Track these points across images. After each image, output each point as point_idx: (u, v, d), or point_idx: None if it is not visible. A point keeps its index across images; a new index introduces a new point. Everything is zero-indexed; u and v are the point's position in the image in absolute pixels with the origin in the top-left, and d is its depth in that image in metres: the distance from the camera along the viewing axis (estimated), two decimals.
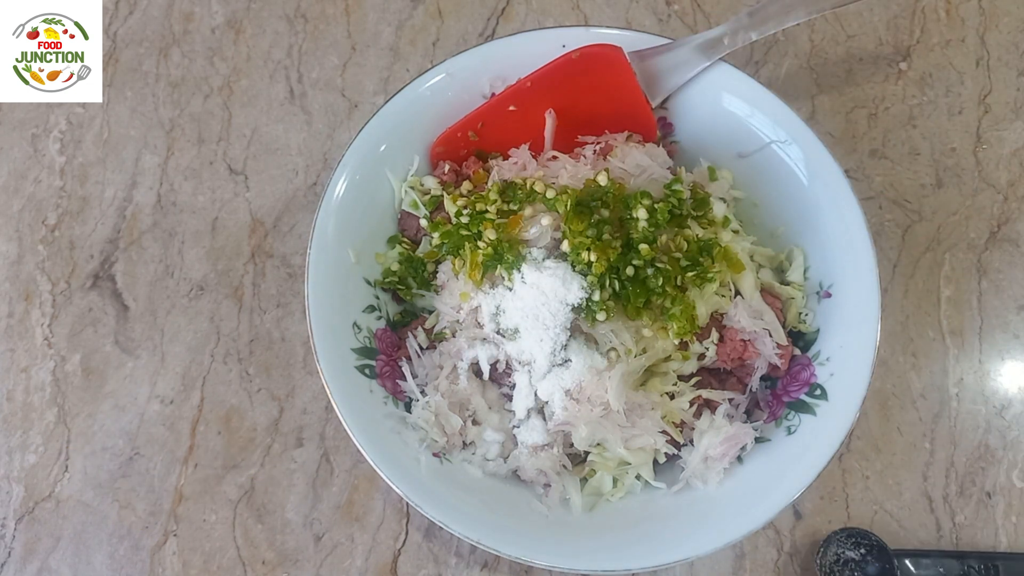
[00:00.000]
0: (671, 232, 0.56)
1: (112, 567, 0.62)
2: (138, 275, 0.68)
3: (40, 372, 0.66)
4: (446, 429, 0.57)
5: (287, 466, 0.63)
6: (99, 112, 0.73)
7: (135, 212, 0.70)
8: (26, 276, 0.68)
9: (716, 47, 0.59)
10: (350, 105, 0.73)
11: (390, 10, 0.76)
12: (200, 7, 0.76)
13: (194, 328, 0.67)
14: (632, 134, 0.61)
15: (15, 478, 0.64)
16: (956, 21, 0.74)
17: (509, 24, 0.75)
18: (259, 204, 0.70)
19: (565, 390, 0.55)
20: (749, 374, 0.58)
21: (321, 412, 0.65)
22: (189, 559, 0.62)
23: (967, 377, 0.66)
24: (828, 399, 0.56)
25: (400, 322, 0.62)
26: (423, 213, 0.61)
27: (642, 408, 0.56)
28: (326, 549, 0.62)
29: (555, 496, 0.56)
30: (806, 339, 0.59)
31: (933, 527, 0.62)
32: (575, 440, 0.56)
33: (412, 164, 0.62)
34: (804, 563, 0.61)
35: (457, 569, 0.61)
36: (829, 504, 0.63)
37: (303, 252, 0.63)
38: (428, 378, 0.59)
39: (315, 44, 0.74)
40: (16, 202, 0.70)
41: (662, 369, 0.57)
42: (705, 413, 0.57)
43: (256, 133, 0.72)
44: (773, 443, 0.57)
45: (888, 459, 0.64)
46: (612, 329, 0.55)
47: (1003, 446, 0.64)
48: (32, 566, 0.62)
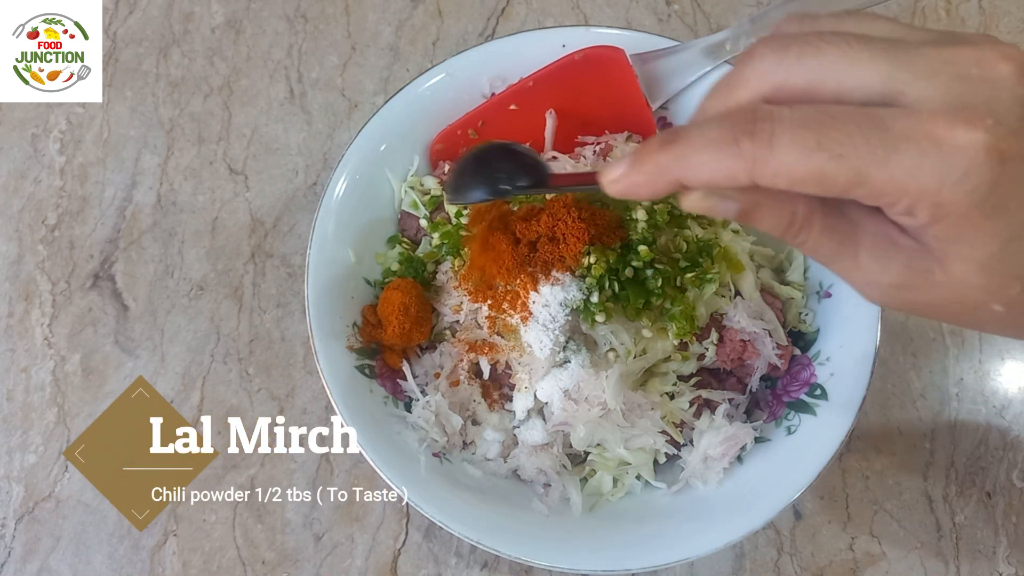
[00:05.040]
0: (670, 233, 0.56)
1: (112, 567, 0.62)
2: (138, 275, 0.68)
3: (40, 372, 0.66)
4: (446, 429, 0.57)
5: (287, 466, 0.63)
6: (99, 112, 0.73)
7: (135, 212, 0.70)
8: (26, 276, 0.68)
9: (718, 52, 0.59)
10: (350, 105, 0.73)
11: (390, 10, 0.76)
12: (200, 7, 0.76)
13: (194, 328, 0.67)
14: (632, 134, 0.61)
15: (15, 478, 0.64)
16: (956, 21, 0.74)
17: (509, 24, 0.75)
18: (259, 204, 0.70)
19: (564, 390, 0.55)
20: (749, 374, 0.58)
21: (321, 412, 0.65)
22: (189, 559, 0.62)
23: (967, 377, 0.66)
24: (828, 399, 0.56)
25: None
26: (423, 213, 0.61)
27: (641, 408, 0.56)
28: (326, 549, 0.62)
29: (555, 496, 0.56)
30: (806, 339, 0.59)
31: (933, 527, 0.62)
32: (573, 440, 0.56)
33: (412, 164, 0.62)
34: (804, 563, 0.61)
35: (457, 569, 0.61)
36: (829, 504, 0.63)
37: (303, 252, 0.63)
38: (428, 378, 0.59)
39: (315, 44, 0.74)
40: (16, 202, 0.70)
41: (662, 369, 0.57)
42: (705, 413, 0.57)
43: (256, 133, 0.72)
44: (773, 443, 0.57)
45: (888, 459, 0.64)
46: (611, 330, 0.55)
47: (1003, 446, 0.64)
48: (32, 566, 0.62)
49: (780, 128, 0.27)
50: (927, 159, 0.27)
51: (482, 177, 0.42)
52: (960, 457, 0.64)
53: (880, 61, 0.28)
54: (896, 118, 0.27)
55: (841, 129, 0.27)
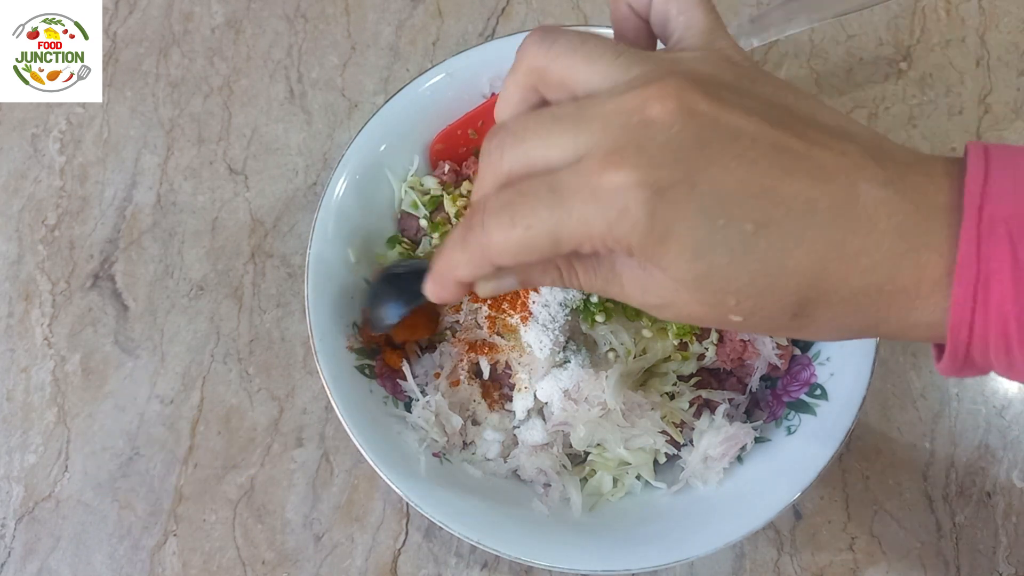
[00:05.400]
0: None
1: (112, 567, 0.62)
2: (138, 275, 0.68)
3: (40, 372, 0.66)
4: (446, 429, 0.57)
5: (287, 466, 0.63)
6: (99, 112, 0.73)
7: (135, 212, 0.70)
8: (26, 276, 0.68)
9: None
10: (350, 105, 0.73)
11: (390, 10, 0.76)
12: (200, 7, 0.76)
13: (194, 328, 0.67)
14: None
15: (15, 478, 0.64)
16: (956, 21, 0.74)
17: (509, 24, 0.75)
18: (259, 204, 0.70)
19: (564, 391, 0.55)
20: (749, 374, 0.58)
21: (321, 412, 0.65)
22: (189, 559, 0.62)
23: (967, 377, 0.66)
24: (828, 399, 0.56)
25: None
26: (423, 213, 0.61)
27: (641, 408, 0.56)
28: (326, 549, 0.62)
29: (555, 496, 0.56)
30: (806, 339, 0.59)
31: (933, 527, 0.62)
32: (573, 440, 0.56)
33: (412, 164, 0.62)
34: (804, 563, 0.61)
35: (457, 569, 0.61)
36: (829, 504, 0.63)
37: (303, 252, 0.63)
38: (428, 378, 0.59)
39: (315, 44, 0.74)
40: (16, 202, 0.70)
41: (662, 369, 0.57)
42: (705, 413, 0.57)
43: (256, 133, 0.72)
44: (773, 443, 0.57)
45: (888, 459, 0.64)
46: (611, 330, 0.55)
47: (1003, 446, 0.64)
48: (32, 566, 0.62)
49: (487, 216, 0.31)
50: (590, 207, 0.29)
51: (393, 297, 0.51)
52: (960, 457, 0.64)
53: (567, 133, 0.31)
54: (567, 176, 0.30)
55: (527, 202, 0.30)
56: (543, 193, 0.30)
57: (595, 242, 0.30)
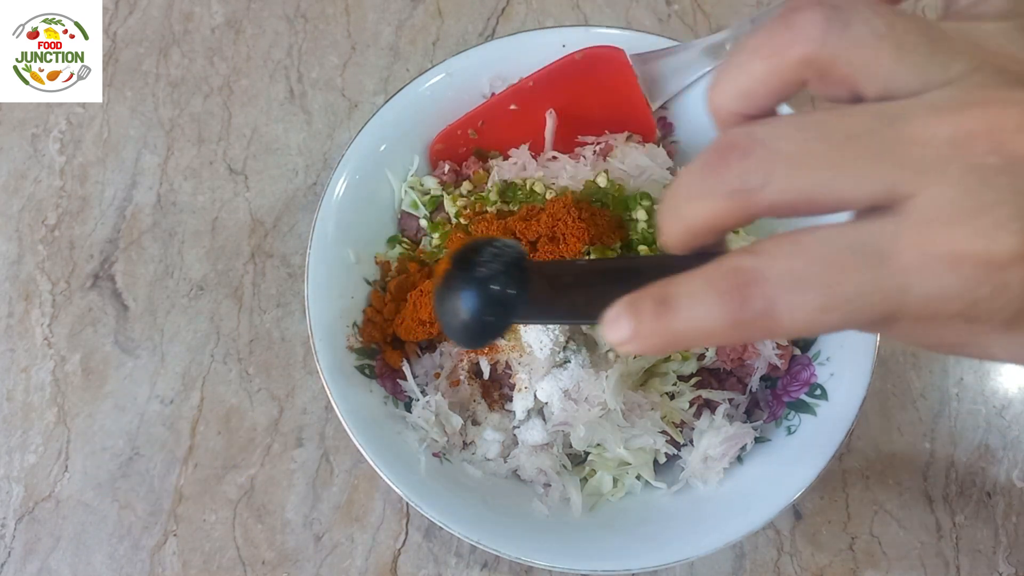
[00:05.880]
0: None
1: (112, 567, 0.62)
2: (138, 275, 0.68)
3: (40, 372, 0.66)
4: (446, 429, 0.57)
5: (287, 466, 0.63)
6: (99, 112, 0.73)
7: (135, 212, 0.70)
8: (26, 276, 0.68)
9: (718, 52, 0.59)
10: (350, 105, 0.73)
11: (390, 10, 0.76)
12: (200, 7, 0.76)
13: (194, 328, 0.67)
14: (632, 134, 0.61)
15: (15, 478, 0.64)
16: None
17: (509, 24, 0.75)
18: (259, 204, 0.70)
19: (564, 390, 0.55)
20: (749, 374, 0.58)
21: (321, 412, 0.65)
22: (189, 559, 0.62)
23: (967, 377, 0.66)
24: (828, 399, 0.56)
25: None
26: (423, 213, 0.61)
27: (641, 408, 0.56)
28: (326, 549, 0.62)
29: (555, 496, 0.56)
30: (806, 339, 0.59)
31: (933, 527, 0.62)
32: (573, 440, 0.56)
33: (412, 164, 0.62)
34: (804, 563, 0.61)
35: (457, 569, 0.61)
36: (829, 504, 0.63)
37: (303, 252, 0.63)
38: (428, 378, 0.59)
39: (315, 44, 0.74)
40: (16, 202, 0.70)
41: (662, 369, 0.57)
42: (705, 413, 0.57)
43: (256, 133, 0.72)
44: (773, 443, 0.57)
45: (888, 459, 0.64)
46: None
47: (1003, 446, 0.64)
48: (32, 566, 0.62)
49: (775, 294, 0.24)
50: (945, 279, 0.23)
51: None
52: (960, 457, 0.64)
53: (881, 166, 0.23)
54: (893, 240, 0.23)
55: (843, 282, 0.23)
56: (863, 264, 0.23)
57: (935, 315, 0.24)
